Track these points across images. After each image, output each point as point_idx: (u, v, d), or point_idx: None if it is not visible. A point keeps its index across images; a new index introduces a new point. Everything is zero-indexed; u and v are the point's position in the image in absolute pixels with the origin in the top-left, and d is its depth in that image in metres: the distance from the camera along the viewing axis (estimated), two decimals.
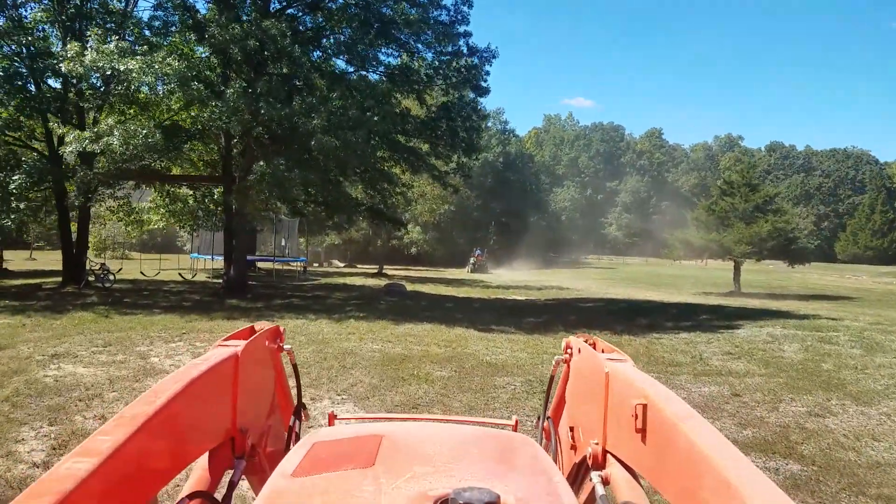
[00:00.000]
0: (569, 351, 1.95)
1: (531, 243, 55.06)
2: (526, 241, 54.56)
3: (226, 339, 1.67)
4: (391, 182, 18.69)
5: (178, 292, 17.51)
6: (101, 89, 15.64)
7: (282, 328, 2.03)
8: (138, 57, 12.67)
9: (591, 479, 1.50)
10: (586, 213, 76.99)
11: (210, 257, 26.00)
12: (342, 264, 46.65)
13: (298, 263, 27.91)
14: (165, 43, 15.64)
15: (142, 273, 22.68)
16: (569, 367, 1.96)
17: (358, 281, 26.54)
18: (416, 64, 16.61)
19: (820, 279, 43.18)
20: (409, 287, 23.39)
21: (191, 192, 20.37)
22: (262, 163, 13.25)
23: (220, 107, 12.58)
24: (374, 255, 41.66)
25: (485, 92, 17.21)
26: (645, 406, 1.27)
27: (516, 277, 36.89)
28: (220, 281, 18.87)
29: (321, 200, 16.87)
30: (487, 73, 16.75)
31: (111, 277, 17.47)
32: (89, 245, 20.65)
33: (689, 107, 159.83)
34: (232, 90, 12.58)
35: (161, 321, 11.83)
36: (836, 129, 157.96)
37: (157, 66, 12.35)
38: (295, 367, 2.17)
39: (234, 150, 16.34)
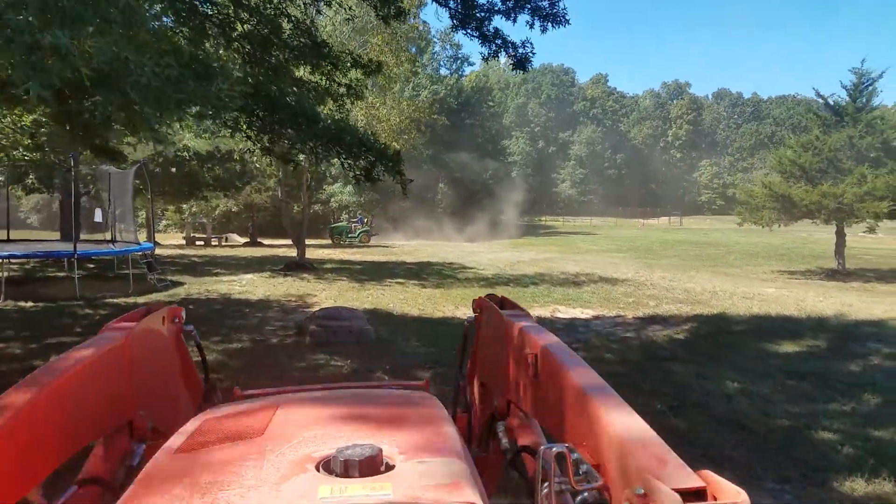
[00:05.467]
0: (478, 311, 2.00)
1: (489, 205, 43.87)
2: (483, 202, 43.28)
3: (117, 322, 1.62)
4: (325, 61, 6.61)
5: None
6: None
7: (182, 309, 1.96)
8: None
9: (497, 430, 1.62)
10: (537, 168, 66.48)
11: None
12: (241, 241, 33.49)
13: (144, 252, 15.08)
14: None
15: None
16: (479, 327, 2.00)
17: (259, 287, 14.23)
18: None
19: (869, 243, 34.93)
20: (363, 298, 11.66)
21: None
22: None
23: None
24: (291, 225, 28.81)
25: None
26: (537, 356, 1.37)
27: (501, 256, 25.64)
28: None
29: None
30: None
31: None
32: None
33: (631, 53, 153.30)
34: None
35: None
36: (781, 76, 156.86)
37: None
38: (199, 346, 2.08)
39: None
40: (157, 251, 27.11)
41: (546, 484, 1.00)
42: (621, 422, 1.00)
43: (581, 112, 74.03)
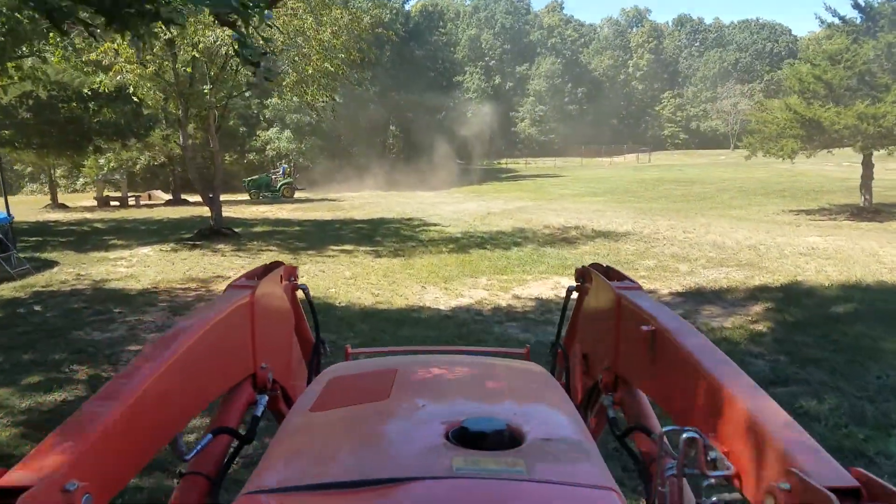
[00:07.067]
0: (580, 280, 1.98)
1: (446, 149, 39.91)
2: (439, 145, 39.26)
3: (239, 279, 1.67)
4: None
5: None
6: None
7: (296, 267, 2.08)
8: None
9: (603, 403, 1.57)
10: (494, 106, 62.06)
11: None
12: (165, 198, 28.86)
13: None
14: None
15: None
16: (582, 295, 2.00)
17: (151, 267, 10.37)
18: None
19: (839, 173, 32.81)
20: (319, 285, 8.00)
21: None
22: None
23: None
24: (199, 179, 24.45)
25: None
26: (654, 331, 1.31)
27: (466, 206, 22.16)
28: None
29: None
30: None
31: None
32: None
33: None
34: None
35: None
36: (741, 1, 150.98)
37: None
38: (311, 303, 2.11)
39: None
40: (62, 216, 22.45)
41: (670, 466, 0.95)
42: (758, 407, 0.93)
43: (538, 42, 69.22)
